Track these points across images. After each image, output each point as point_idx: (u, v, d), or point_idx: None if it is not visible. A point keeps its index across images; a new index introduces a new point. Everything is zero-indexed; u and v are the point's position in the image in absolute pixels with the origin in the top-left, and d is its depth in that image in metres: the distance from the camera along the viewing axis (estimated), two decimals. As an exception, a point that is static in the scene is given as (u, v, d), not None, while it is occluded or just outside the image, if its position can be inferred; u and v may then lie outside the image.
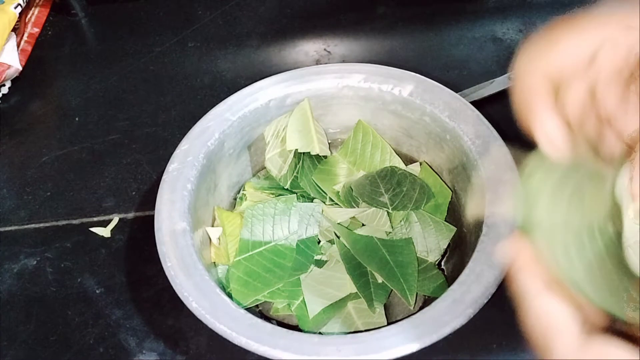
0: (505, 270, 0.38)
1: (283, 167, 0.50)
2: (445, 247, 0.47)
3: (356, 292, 0.45)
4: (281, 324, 0.45)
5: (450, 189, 0.48)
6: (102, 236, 0.52)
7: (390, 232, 0.48)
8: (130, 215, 0.54)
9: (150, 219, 0.42)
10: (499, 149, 0.43)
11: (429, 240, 0.47)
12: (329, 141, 0.52)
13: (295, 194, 0.49)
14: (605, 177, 0.25)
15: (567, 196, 0.26)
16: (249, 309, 0.40)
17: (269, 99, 0.49)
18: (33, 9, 0.72)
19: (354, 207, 0.49)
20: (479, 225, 0.41)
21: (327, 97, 0.50)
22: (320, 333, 0.43)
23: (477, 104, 0.47)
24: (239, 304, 0.42)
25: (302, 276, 0.46)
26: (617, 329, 0.25)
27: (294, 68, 0.50)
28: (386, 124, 0.50)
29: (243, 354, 0.38)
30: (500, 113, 0.56)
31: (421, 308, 0.38)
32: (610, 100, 0.25)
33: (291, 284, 0.45)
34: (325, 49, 0.66)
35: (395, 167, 0.49)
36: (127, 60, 0.67)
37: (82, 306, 0.48)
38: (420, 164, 0.50)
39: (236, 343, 0.37)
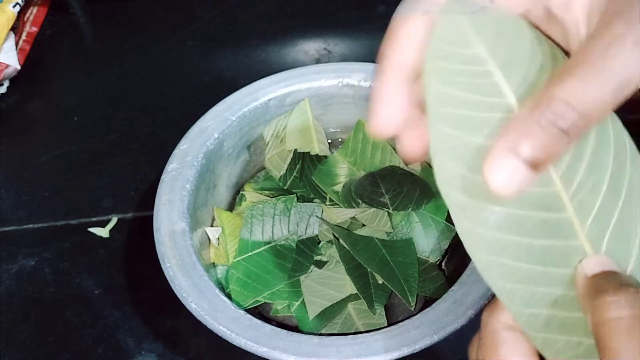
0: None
1: (283, 167, 0.50)
2: (446, 247, 0.47)
3: (356, 293, 0.44)
4: (281, 325, 0.45)
5: (450, 188, 0.48)
6: (101, 236, 0.52)
7: (391, 233, 0.47)
8: (129, 215, 0.53)
9: (149, 219, 0.42)
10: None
11: (430, 240, 0.46)
12: (329, 141, 0.52)
13: (295, 194, 0.49)
14: None
15: None
16: (248, 310, 0.40)
17: (269, 98, 0.48)
18: (31, 8, 0.71)
19: (354, 208, 0.48)
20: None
21: (327, 97, 0.50)
22: (320, 334, 0.43)
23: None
24: (238, 305, 0.42)
25: (302, 277, 0.45)
26: None
27: (294, 67, 0.50)
28: (386, 124, 0.50)
29: (242, 355, 0.38)
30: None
31: (422, 309, 0.38)
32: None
33: (291, 285, 0.45)
34: (325, 48, 0.66)
35: (396, 166, 0.48)
36: (126, 60, 0.67)
37: (81, 307, 0.48)
38: (421, 163, 0.50)
39: (235, 344, 0.37)
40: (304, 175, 0.50)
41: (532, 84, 0.22)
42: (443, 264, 0.48)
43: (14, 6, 0.63)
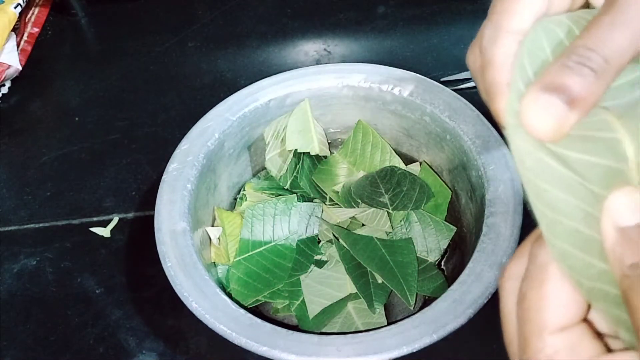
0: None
1: (283, 167, 0.50)
2: (445, 247, 0.47)
3: (356, 293, 0.45)
4: (281, 324, 0.45)
5: (450, 188, 0.48)
6: (102, 236, 0.52)
7: (390, 232, 0.48)
8: (130, 215, 0.54)
9: (150, 219, 0.42)
10: (499, 149, 0.43)
11: (429, 240, 0.47)
12: (329, 141, 0.52)
13: (295, 194, 0.49)
14: None
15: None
16: (248, 309, 0.40)
17: (269, 98, 0.49)
18: (33, 8, 0.72)
19: (354, 207, 0.49)
20: (479, 225, 0.41)
21: (327, 97, 0.50)
22: (320, 333, 0.43)
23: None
24: (239, 304, 0.42)
25: (302, 276, 0.46)
26: None
27: (294, 68, 0.50)
28: (386, 124, 0.50)
29: (243, 354, 0.38)
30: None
31: (421, 308, 0.38)
32: None
33: (291, 284, 0.45)
34: (325, 49, 0.66)
35: (395, 167, 0.49)
36: (127, 60, 0.67)
37: (82, 306, 0.48)
38: (420, 163, 0.50)
39: (236, 343, 0.37)
40: (304, 175, 0.50)
41: None
42: (442, 263, 0.48)
43: (15, 7, 0.64)
